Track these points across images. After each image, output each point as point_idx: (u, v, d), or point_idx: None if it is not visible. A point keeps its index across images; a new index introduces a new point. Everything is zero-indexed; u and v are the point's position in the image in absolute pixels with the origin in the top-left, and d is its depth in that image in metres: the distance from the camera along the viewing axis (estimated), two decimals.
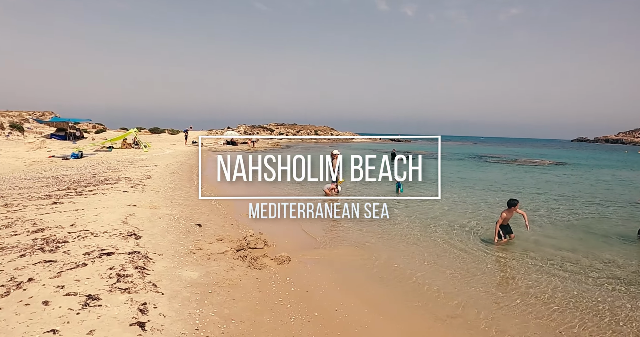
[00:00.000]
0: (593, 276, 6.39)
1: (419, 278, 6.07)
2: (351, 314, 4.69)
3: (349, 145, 60.24)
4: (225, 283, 5.11)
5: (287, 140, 62.31)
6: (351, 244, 7.79)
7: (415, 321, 4.73)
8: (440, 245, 7.89)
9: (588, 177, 23.98)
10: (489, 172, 24.93)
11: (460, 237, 8.44)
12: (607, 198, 15.16)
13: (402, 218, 10.07)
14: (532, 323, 4.78)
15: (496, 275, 6.45)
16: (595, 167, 32.12)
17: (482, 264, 6.83)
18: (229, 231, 7.75)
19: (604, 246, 8.19)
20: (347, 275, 6.06)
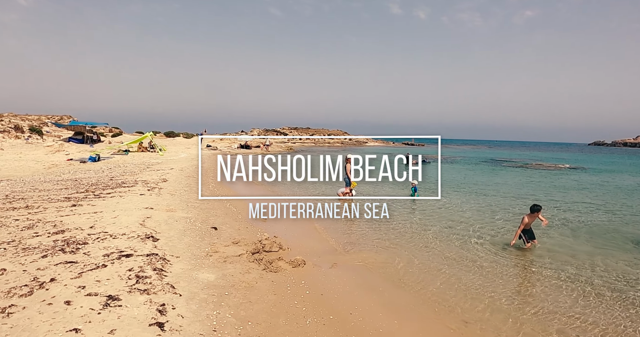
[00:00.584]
0: (613, 287, 6.31)
1: (436, 283, 6.05)
2: (366, 318, 4.70)
3: (362, 149, 60.11)
4: (241, 286, 5.17)
5: (300, 144, 62.55)
6: (366, 248, 7.79)
7: (430, 326, 4.73)
8: (457, 250, 7.84)
9: (608, 182, 23.53)
10: (503, 176, 24.67)
11: (477, 243, 8.37)
12: (628, 204, 14.90)
13: (416, 222, 10.04)
14: (554, 329, 4.74)
15: (516, 282, 6.39)
16: (615, 172, 31.42)
17: (502, 270, 6.78)
18: (244, 234, 7.83)
19: (626, 255, 8.06)
20: (361, 279, 6.07)
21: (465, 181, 20.77)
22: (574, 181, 23.84)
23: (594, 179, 25.24)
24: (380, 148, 64.40)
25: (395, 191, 15.58)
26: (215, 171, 18.95)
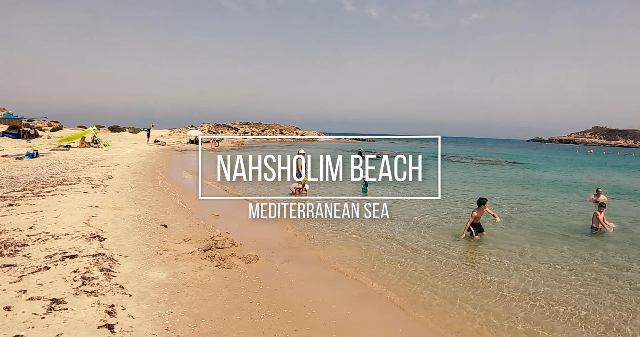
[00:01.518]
0: (559, 267, 6.83)
1: (390, 274, 6.29)
2: (319, 310, 4.81)
3: (314, 144, 60.40)
4: (193, 283, 5.12)
5: (252, 140, 61.88)
6: (321, 242, 7.93)
7: (385, 315, 4.91)
8: (410, 242, 8.14)
9: (544, 176, 25.24)
10: (450, 171, 25.72)
11: (429, 235, 8.73)
12: (562, 196, 16.06)
13: (372, 217, 10.27)
14: (518, 312, 5.07)
15: (467, 270, 6.72)
16: (550, 167, 33.86)
17: (453, 261, 7.13)
18: (195, 231, 7.70)
19: (561, 241, 8.70)
20: (316, 272, 6.19)
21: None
22: (514, 174, 25.32)
23: (531, 173, 26.94)
24: (331, 144, 65.00)
25: (346, 186, 15.81)
26: (165, 168, 18.43)
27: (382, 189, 15.04)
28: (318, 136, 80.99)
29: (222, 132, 65.16)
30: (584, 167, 35.62)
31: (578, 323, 4.94)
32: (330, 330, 4.37)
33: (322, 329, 4.37)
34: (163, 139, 42.69)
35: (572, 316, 5.09)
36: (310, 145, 54.15)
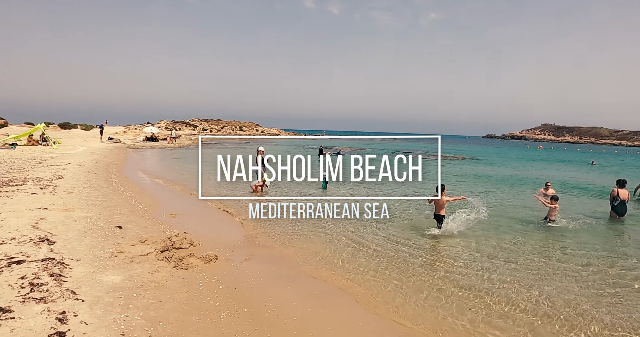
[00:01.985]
0: (516, 258, 7.15)
1: (350, 270, 6.37)
2: (280, 308, 4.83)
3: (274, 141, 60.09)
4: (150, 285, 5.01)
5: (211, 137, 60.79)
6: (281, 240, 7.93)
7: (345, 311, 4.98)
8: (370, 238, 8.29)
9: (499, 171, 26.34)
10: None
11: (390, 232, 8.90)
12: (516, 190, 16.85)
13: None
14: (478, 306, 5.26)
15: (426, 265, 6.90)
16: (503, 162, 35.44)
17: (414, 252, 7.31)
18: (152, 231, 7.51)
19: (517, 233, 9.11)
20: (276, 270, 6.19)
21: (373, 171, 21.78)
22: (470, 170, 26.24)
23: (486, 169, 28.03)
24: (292, 141, 64.80)
25: (307, 181, 15.86)
26: (120, 166, 17.80)
27: (343, 187, 15.19)
28: (279, 133, 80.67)
29: (179, 129, 63.64)
30: (534, 162, 37.51)
31: (538, 315, 5.21)
32: (291, 327, 4.40)
33: (282, 327, 4.39)
34: (118, 136, 41.17)
35: (530, 304, 5.37)
36: (271, 143, 53.86)
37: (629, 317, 5.06)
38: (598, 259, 7.36)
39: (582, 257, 7.47)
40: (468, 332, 4.61)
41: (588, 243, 8.44)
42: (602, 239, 9.05)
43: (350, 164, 7.56)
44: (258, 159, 13.18)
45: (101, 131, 36.06)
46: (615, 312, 5.20)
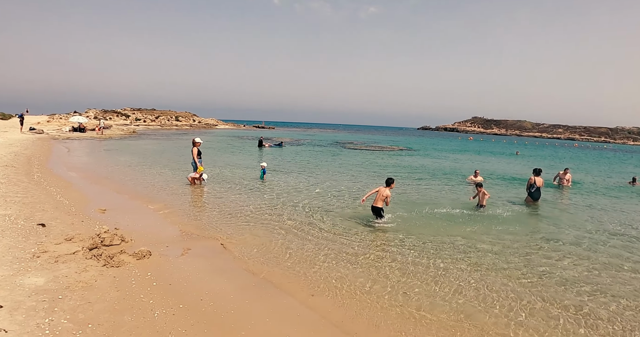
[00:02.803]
0: (453, 243, 7.53)
1: (286, 261, 6.41)
2: (217, 302, 4.78)
3: (212, 132, 58.51)
4: (77, 286, 4.75)
5: (144, 127, 58.11)
6: (217, 232, 7.77)
7: (281, 301, 5.03)
8: (307, 228, 8.36)
9: (433, 160, 27.58)
10: (346, 157, 26.78)
11: (329, 223, 9.03)
12: (449, 178, 17.74)
13: (267, 203, 10.34)
14: (411, 294, 5.47)
15: (362, 255, 7.08)
16: (437, 152, 37.16)
17: (353, 243, 7.48)
18: (79, 228, 7.11)
19: (451, 219, 9.60)
20: (213, 264, 6.09)
21: (312, 162, 21.95)
22: (404, 160, 27.22)
23: (421, 159, 29.23)
24: (231, 131, 63.60)
25: (246, 172, 15.70)
26: (43, 159, 16.56)
27: (282, 178, 15.20)
28: (216, 123, 78.65)
29: (110, 119, 60.21)
30: (465, 152, 39.66)
31: (476, 296, 5.55)
32: (228, 321, 4.38)
33: (219, 321, 4.36)
34: (40, 126, 38.12)
35: (464, 289, 5.71)
36: (209, 133, 52.45)
37: (555, 292, 5.56)
38: (517, 238, 8.03)
39: (506, 238, 8.11)
40: (403, 317, 4.83)
41: (511, 226, 9.26)
42: (523, 221, 9.92)
43: (291, 154, 7.52)
44: (194, 150, 12.84)
45: (21, 121, 33.18)
46: (539, 287, 5.70)
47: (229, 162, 19.64)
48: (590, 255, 7.49)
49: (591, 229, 9.52)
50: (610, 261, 7.23)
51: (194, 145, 13.01)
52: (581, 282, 6.11)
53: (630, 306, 5.39)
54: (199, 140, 13.14)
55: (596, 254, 7.60)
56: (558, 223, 9.96)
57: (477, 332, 4.54)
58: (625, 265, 7.03)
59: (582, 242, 8.32)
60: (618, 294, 5.77)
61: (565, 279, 6.20)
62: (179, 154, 22.08)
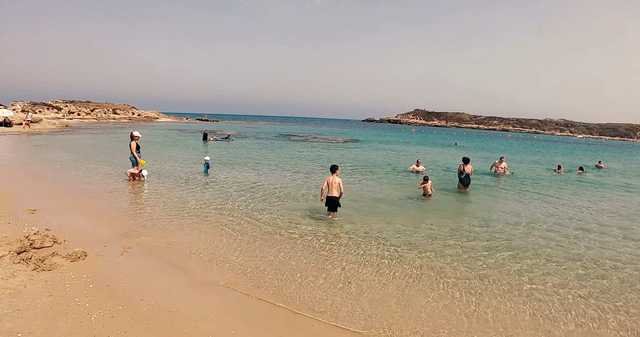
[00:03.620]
0: (402, 230, 7.73)
1: (231, 255, 6.31)
2: (159, 301, 4.64)
3: (152, 125, 56.19)
4: (4, 293, 4.43)
5: (78, 121, 54.84)
6: (159, 228, 7.50)
7: (225, 296, 4.96)
8: (251, 224, 8.27)
9: (378, 151, 28.21)
10: (292, 149, 26.75)
11: (276, 215, 8.98)
12: (394, 168, 18.19)
13: (208, 198, 10.14)
14: (355, 282, 5.55)
15: (309, 247, 7.10)
16: (382, 143, 38.12)
17: (300, 236, 7.48)
18: (5, 231, 6.60)
19: (400, 206, 9.87)
20: (154, 262, 5.90)
21: (258, 155, 21.73)
22: (350, 151, 27.64)
23: (366, 149, 29.79)
24: (172, 124, 61.46)
25: (189, 167, 15.26)
26: None
27: (227, 171, 14.93)
28: (157, 115, 75.71)
29: (40, 112, 56.21)
30: (408, 144, 40.93)
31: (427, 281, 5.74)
32: (171, 320, 4.27)
33: (161, 320, 4.24)
34: None
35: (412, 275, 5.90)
36: (149, 126, 50.37)
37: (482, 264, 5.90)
38: (453, 222, 8.43)
39: (446, 221, 8.48)
40: (336, 308, 4.92)
41: (449, 209, 9.76)
42: (458, 205, 10.50)
43: (237, 147, 7.38)
44: (132, 145, 12.31)
45: None
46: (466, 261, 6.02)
47: (172, 157, 19.01)
48: (515, 236, 8.03)
49: (520, 213, 10.20)
50: (536, 241, 7.80)
51: (132, 139, 12.46)
52: (510, 261, 6.54)
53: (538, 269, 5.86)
54: (137, 133, 12.59)
55: (525, 234, 8.16)
56: (489, 207, 10.66)
57: (415, 313, 4.73)
58: (541, 234, 7.61)
59: (509, 225, 8.89)
60: (545, 269, 6.25)
61: (493, 253, 6.60)
62: (116, 149, 21.02)
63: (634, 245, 8.06)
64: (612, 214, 11.00)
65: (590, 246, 7.79)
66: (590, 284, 5.92)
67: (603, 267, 6.66)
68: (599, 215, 10.71)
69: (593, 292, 5.67)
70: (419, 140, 50.37)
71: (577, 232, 8.74)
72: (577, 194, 14.21)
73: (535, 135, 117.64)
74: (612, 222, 9.95)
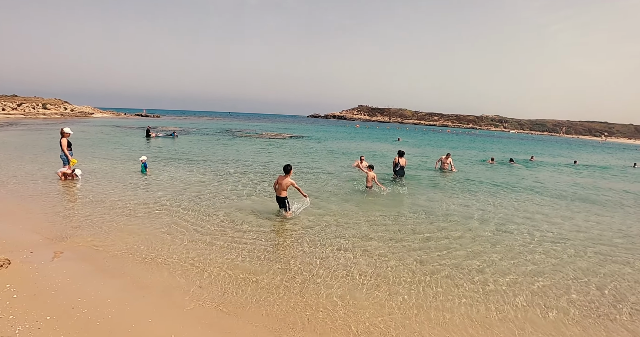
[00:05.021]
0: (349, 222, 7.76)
1: (169, 259, 6.09)
2: (91, 308, 4.40)
3: (87, 121, 53.01)
4: None
5: (4, 116, 50.70)
6: (90, 235, 7.06)
7: (161, 299, 4.78)
8: (192, 224, 8.02)
9: (322, 147, 28.38)
10: (236, 145, 26.31)
11: (220, 215, 8.76)
12: (338, 163, 18.38)
13: (155, 201, 9.74)
14: (306, 282, 5.51)
15: (254, 241, 7.00)
16: (327, 139, 38.38)
17: (242, 233, 7.34)
18: None
19: (344, 200, 9.94)
20: (86, 267, 5.57)
21: (201, 151, 21.14)
22: (294, 147, 27.62)
23: (310, 145, 29.89)
24: (110, 120, 58.45)
25: (127, 166, 14.56)
26: None
27: (168, 169, 14.40)
28: (93, 111, 71.62)
29: None
30: (352, 139, 41.53)
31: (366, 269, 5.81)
32: (106, 327, 4.07)
33: (95, 328, 4.02)
34: None
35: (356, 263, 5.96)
36: (84, 123, 47.52)
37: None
38: (390, 208, 8.68)
39: (387, 209, 8.70)
40: (285, 314, 4.91)
41: (390, 202, 9.97)
42: (398, 197, 10.83)
43: (179, 144, 7.10)
44: (63, 142, 11.55)
45: None
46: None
47: (109, 155, 18.02)
48: (455, 224, 8.41)
49: (459, 203, 10.69)
50: (476, 226, 8.20)
51: (62, 136, 11.69)
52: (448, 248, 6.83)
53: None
54: (68, 130, 11.83)
55: (463, 220, 8.55)
56: (429, 198, 11.05)
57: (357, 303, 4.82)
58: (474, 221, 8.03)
59: (444, 214, 9.29)
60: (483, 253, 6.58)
61: (429, 240, 6.87)
62: (46, 147, 19.64)
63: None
64: (527, 198, 11.83)
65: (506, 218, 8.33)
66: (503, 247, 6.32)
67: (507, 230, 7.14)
68: (517, 197, 11.48)
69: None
70: (363, 136, 51.30)
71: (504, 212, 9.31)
72: (505, 180, 15.15)
73: (473, 131, 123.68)
74: (525, 202, 10.70)
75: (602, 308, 5.30)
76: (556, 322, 4.86)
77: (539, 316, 4.97)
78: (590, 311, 5.19)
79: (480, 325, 4.68)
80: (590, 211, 11.30)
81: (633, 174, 23.70)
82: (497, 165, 22.28)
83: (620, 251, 7.74)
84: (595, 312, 5.18)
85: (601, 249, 7.76)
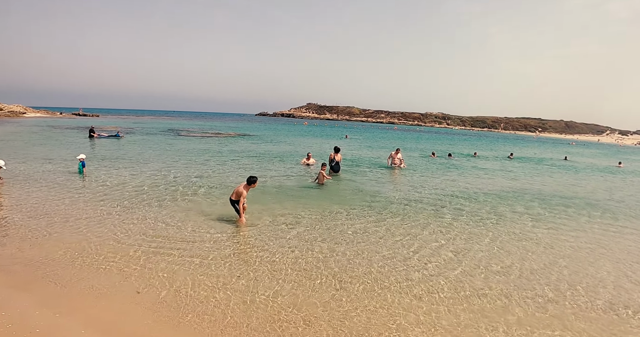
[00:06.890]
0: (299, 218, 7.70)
1: (100, 266, 5.82)
2: (17, 322, 4.14)
3: (19, 121, 49.20)
4: None
5: None
6: (11, 240, 6.58)
7: (99, 307, 4.56)
8: (128, 227, 7.70)
9: (269, 146, 28.21)
10: (182, 144, 25.55)
11: (155, 215, 8.45)
12: (286, 161, 18.38)
13: (91, 204, 9.25)
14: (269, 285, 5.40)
15: (193, 242, 6.81)
16: (275, 136, 38.35)
17: (184, 236, 7.12)
18: None
19: (299, 195, 9.89)
20: (6, 279, 5.19)
21: (143, 151, 20.29)
22: (241, 146, 27.25)
23: (256, 144, 29.61)
24: (44, 120, 54.75)
25: (61, 167, 13.72)
26: None
27: (108, 170, 13.71)
28: (25, 110, 66.81)
29: None
30: (300, 137, 41.66)
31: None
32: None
33: None
34: None
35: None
36: (15, 123, 44.21)
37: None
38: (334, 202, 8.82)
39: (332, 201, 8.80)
40: (223, 319, 4.84)
41: (337, 191, 10.05)
42: (347, 191, 11.02)
43: (121, 144, 6.75)
44: None
45: None
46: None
47: (43, 156, 16.83)
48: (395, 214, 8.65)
49: (402, 195, 10.99)
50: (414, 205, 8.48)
51: None
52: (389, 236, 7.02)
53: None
54: None
55: (403, 210, 8.81)
56: (378, 189, 11.27)
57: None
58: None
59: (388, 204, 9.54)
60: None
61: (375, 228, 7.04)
62: None
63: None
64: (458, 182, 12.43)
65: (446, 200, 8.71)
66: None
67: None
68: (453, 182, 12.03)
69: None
70: (311, 133, 51.55)
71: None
72: (444, 171, 15.80)
73: (418, 128, 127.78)
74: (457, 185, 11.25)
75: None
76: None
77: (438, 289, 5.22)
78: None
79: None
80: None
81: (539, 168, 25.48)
82: (437, 159, 24.70)
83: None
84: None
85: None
